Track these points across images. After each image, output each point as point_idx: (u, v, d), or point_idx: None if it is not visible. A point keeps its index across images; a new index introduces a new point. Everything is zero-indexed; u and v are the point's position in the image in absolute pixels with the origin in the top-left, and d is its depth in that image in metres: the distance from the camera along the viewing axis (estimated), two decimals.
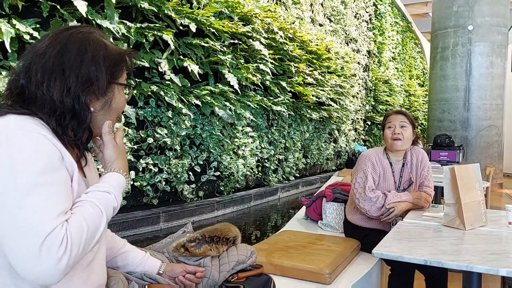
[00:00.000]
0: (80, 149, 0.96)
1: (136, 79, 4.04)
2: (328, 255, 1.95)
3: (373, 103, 11.46)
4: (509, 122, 9.06)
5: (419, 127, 7.95)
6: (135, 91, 3.95)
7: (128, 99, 1.07)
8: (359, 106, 10.53)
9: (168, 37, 4.10)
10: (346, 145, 9.80)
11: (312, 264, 1.83)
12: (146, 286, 1.18)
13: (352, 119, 10.07)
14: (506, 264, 1.22)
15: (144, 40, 3.99)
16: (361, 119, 10.82)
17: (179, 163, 4.52)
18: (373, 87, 11.45)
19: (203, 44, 4.61)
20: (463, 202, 1.66)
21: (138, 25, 3.95)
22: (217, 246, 1.37)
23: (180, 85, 4.40)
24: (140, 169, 4.18)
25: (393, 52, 13.25)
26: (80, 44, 0.94)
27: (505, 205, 1.73)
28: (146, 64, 4.04)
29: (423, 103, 14.53)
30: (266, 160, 6.35)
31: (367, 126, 11.39)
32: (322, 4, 8.48)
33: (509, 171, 10.17)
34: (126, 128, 3.98)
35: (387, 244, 1.46)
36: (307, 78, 6.97)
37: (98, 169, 1.12)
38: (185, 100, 4.48)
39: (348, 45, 9.79)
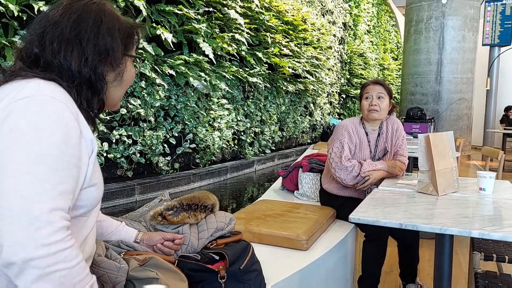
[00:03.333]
0: (93, 120, 0.96)
1: None
2: (305, 222, 1.97)
3: (348, 76, 11.52)
4: (478, 96, 9.31)
5: (392, 100, 8.08)
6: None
7: (137, 72, 1.06)
8: (335, 79, 10.57)
9: (140, 3, 3.94)
10: (321, 119, 9.88)
11: (290, 231, 1.85)
12: (123, 253, 1.16)
13: (327, 92, 10.12)
14: (478, 226, 1.26)
15: (115, 6, 3.82)
16: (336, 92, 10.88)
17: (153, 134, 4.45)
18: (348, 60, 11.48)
19: (176, 11, 4.47)
20: (437, 169, 1.70)
21: None
22: (195, 214, 1.36)
23: (153, 54, 4.28)
24: (114, 141, 4.09)
25: (368, 25, 13.26)
26: (95, 15, 0.94)
27: (477, 172, 1.78)
28: None
29: (397, 77, 14.73)
30: (242, 133, 6.33)
31: (342, 99, 11.49)
32: None
33: (477, 143, 10.53)
34: None
35: (363, 210, 1.48)
36: (283, 49, 6.91)
37: None
38: (158, 70, 4.37)
39: (324, 16, 9.72)
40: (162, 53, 4.45)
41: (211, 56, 4.90)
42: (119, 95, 1.02)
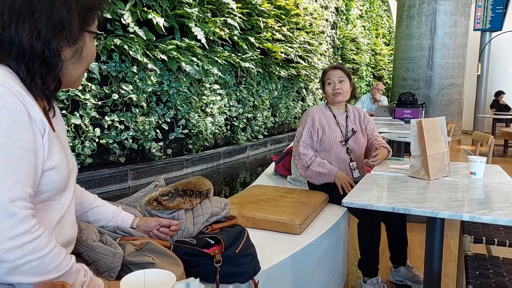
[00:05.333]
0: (49, 99, 0.90)
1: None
2: (298, 207, 1.99)
3: (340, 61, 11.49)
4: (468, 81, 9.36)
5: (384, 86, 8.10)
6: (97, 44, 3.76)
7: (98, 49, 1.02)
8: (327, 64, 10.55)
9: None
10: (314, 104, 9.88)
11: (283, 215, 1.86)
12: (119, 239, 1.17)
13: (319, 77, 10.11)
14: (468, 209, 1.28)
15: None
16: None
17: (146, 120, 4.42)
18: (341, 45, 11.45)
19: None
20: (429, 154, 1.72)
21: None
22: (191, 199, 1.36)
23: (145, 38, 4.23)
24: (106, 126, 4.07)
25: (361, 10, 13.19)
26: None
27: (468, 156, 1.80)
28: (108, 16, 3.83)
29: (389, 62, 14.73)
30: (234, 119, 6.32)
31: None
32: None
33: (468, 128, 10.63)
34: (90, 84, 3.82)
35: (356, 194, 1.50)
36: (275, 34, 6.86)
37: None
38: (150, 54, 4.32)
39: (316, 1, 9.65)
40: (154, 38, 4.40)
41: (203, 41, 4.85)
42: (78, 73, 0.96)
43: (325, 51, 10.19)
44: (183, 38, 4.87)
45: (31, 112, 0.82)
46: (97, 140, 3.97)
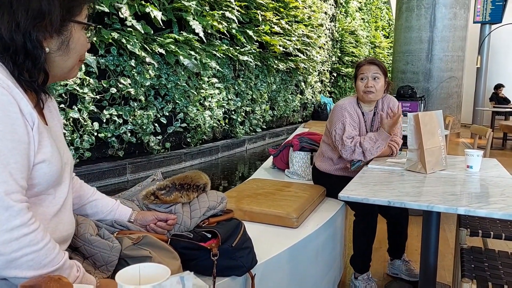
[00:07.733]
0: (37, 92, 0.89)
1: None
2: (296, 200, 2.00)
3: (339, 54, 11.46)
4: (468, 74, 9.34)
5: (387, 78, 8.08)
6: (94, 38, 3.74)
7: (90, 41, 1.00)
8: (326, 57, 10.51)
9: None
10: (312, 97, 9.87)
11: (280, 209, 1.87)
12: (116, 233, 1.17)
13: (318, 70, 10.07)
14: (465, 203, 1.29)
15: None
16: (327, 70, 10.84)
17: (144, 114, 4.42)
18: (340, 38, 11.40)
19: None
20: (426, 148, 1.72)
21: None
22: (188, 193, 1.37)
23: (142, 32, 4.21)
24: (104, 120, 4.06)
25: (360, 2, 13.12)
26: None
27: (464, 150, 1.81)
28: (106, 9, 3.81)
29: (388, 55, 14.69)
30: (233, 112, 6.31)
31: (333, 78, 11.45)
32: None
33: (466, 121, 10.63)
34: (88, 78, 3.81)
35: (352, 188, 1.51)
36: (274, 27, 6.83)
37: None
38: (148, 48, 4.31)
39: None
40: (152, 32, 4.38)
41: (201, 34, 4.84)
42: (68, 65, 0.93)
43: (324, 44, 10.15)
44: (181, 32, 4.85)
45: (21, 104, 0.81)
46: (95, 134, 3.97)
